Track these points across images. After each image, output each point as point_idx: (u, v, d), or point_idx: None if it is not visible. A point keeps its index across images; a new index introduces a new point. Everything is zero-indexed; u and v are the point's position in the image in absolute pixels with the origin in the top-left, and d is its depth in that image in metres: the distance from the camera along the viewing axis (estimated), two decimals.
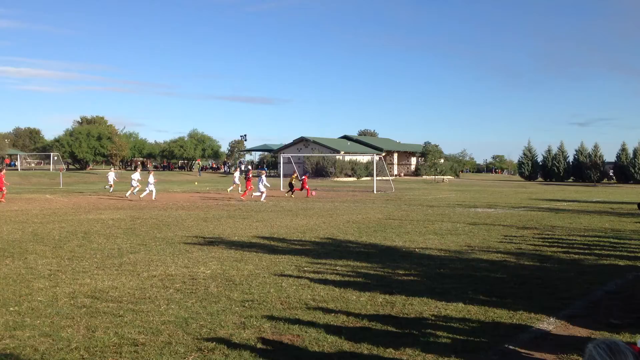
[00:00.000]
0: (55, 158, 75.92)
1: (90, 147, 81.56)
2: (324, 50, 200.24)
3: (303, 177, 35.30)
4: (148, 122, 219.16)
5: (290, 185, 33.70)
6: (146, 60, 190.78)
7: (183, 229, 15.41)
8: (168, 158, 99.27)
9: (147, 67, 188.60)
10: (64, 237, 13.49)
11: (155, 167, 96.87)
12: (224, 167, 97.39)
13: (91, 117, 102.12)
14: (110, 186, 36.98)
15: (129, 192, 30.59)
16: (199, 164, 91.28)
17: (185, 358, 5.25)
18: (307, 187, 33.66)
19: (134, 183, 30.63)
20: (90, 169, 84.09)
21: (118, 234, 14.30)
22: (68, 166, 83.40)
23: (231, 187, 35.64)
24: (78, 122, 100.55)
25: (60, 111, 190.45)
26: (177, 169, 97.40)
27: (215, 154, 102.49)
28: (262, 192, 29.09)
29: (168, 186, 45.82)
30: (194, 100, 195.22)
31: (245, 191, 30.95)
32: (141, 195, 29.12)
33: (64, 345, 5.54)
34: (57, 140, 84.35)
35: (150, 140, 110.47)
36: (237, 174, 37.69)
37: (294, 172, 38.23)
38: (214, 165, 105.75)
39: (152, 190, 29.12)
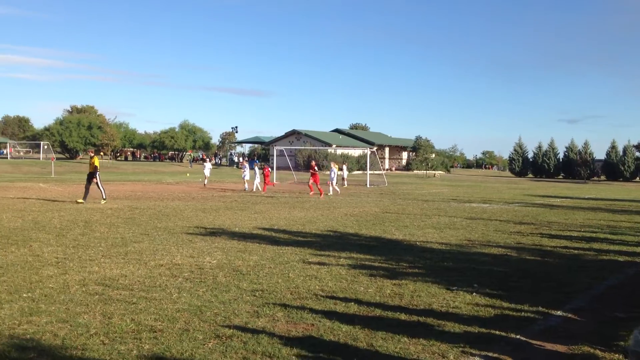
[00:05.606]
0: (46, 147, 75.50)
1: (81, 137, 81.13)
2: (316, 43, 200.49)
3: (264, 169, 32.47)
4: (138, 112, 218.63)
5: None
6: (136, 50, 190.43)
7: (183, 220, 15.43)
8: (158, 149, 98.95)
9: (137, 56, 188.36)
10: (65, 226, 13.47)
11: (146, 157, 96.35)
12: (215, 159, 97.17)
13: (81, 106, 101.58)
14: (205, 178, 36.43)
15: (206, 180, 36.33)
16: (190, 155, 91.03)
17: (204, 344, 5.31)
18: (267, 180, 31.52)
19: (207, 172, 36.75)
20: (81, 158, 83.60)
21: (119, 223, 14.30)
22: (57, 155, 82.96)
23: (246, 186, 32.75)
24: (68, 111, 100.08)
25: (48, 99, 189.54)
26: (167, 160, 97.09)
27: (206, 146, 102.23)
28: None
29: (160, 177, 45.69)
30: (185, 90, 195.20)
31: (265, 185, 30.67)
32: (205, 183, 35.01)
33: (83, 331, 5.59)
34: (47, 129, 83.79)
35: (140, 130, 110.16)
36: (246, 168, 34.53)
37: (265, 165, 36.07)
38: (204, 157, 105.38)
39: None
